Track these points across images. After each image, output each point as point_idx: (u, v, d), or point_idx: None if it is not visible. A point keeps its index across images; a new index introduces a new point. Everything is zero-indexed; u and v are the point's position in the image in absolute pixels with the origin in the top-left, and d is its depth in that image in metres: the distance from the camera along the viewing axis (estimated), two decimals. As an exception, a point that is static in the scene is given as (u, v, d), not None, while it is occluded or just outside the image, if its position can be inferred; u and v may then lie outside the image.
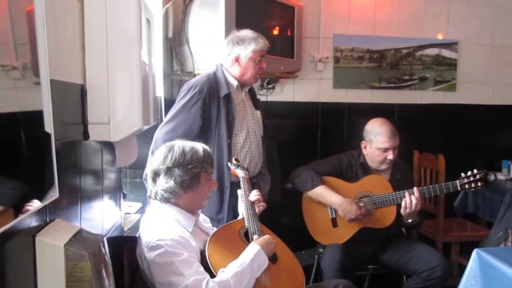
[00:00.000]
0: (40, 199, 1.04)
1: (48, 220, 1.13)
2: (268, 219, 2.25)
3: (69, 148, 1.32)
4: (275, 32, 3.32)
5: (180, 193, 1.76)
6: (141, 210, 2.28)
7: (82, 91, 1.40)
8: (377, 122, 2.78)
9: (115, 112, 1.43)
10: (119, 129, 1.44)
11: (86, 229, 1.24)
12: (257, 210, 2.09)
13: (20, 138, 1.03)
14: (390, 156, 2.71)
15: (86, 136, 1.42)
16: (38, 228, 1.07)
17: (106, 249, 1.20)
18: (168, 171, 1.74)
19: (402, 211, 2.61)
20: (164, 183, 1.74)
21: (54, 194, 1.09)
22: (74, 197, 1.35)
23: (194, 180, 1.77)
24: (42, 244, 1.04)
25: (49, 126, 1.09)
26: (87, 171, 1.49)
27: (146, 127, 1.62)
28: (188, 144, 1.81)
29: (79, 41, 1.39)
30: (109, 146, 1.64)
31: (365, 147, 2.81)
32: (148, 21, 1.59)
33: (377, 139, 2.72)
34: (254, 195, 2.11)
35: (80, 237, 1.12)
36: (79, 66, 1.40)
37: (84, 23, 1.40)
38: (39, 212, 1.07)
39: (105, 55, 1.41)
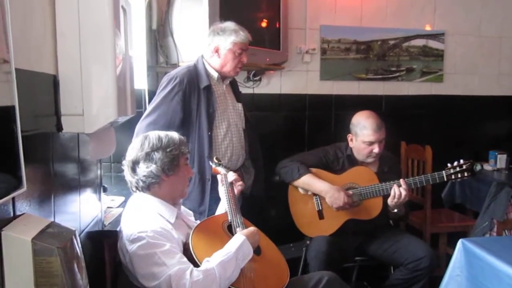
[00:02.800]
0: (6, 192, 1.00)
1: (16, 213, 1.09)
2: (256, 212, 2.24)
3: (40, 140, 1.28)
4: (260, 23, 3.28)
5: (162, 177, 1.76)
6: (124, 204, 2.25)
7: (55, 82, 1.37)
8: (363, 115, 2.76)
9: (89, 103, 1.40)
10: (94, 120, 1.41)
11: (60, 223, 1.21)
12: (236, 190, 2.11)
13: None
14: (376, 149, 2.69)
15: (59, 127, 1.39)
16: (5, 222, 1.04)
17: (78, 244, 1.16)
18: (147, 156, 1.74)
19: (389, 201, 2.60)
20: (145, 168, 1.74)
21: (20, 187, 1.05)
22: (46, 190, 1.31)
23: (174, 163, 1.77)
24: (9, 238, 1.01)
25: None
26: (62, 163, 1.46)
27: (123, 119, 1.59)
28: (162, 132, 1.82)
29: (51, 30, 1.35)
30: (86, 138, 1.60)
31: (351, 140, 2.79)
32: (124, 9, 1.55)
33: (362, 132, 2.69)
34: (232, 175, 2.13)
35: (49, 231, 1.09)
36: (51, 56, 1.36)
37: (56, 12, 1.36)
38: (6, 205, 1.04)
39: (78, 45, 1.37)
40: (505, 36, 3.94)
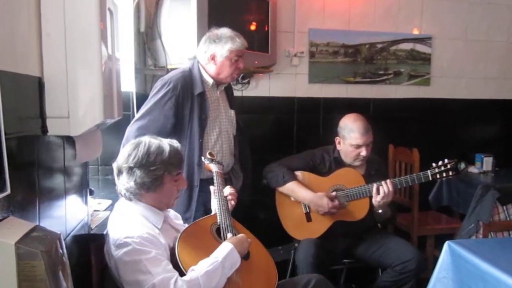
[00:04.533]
0: (-11, 195, 0.99)
1: (-1, 217, 1.08)
2: (245, 215, 2.22)
3: (25, 142, 1.26)
4: (249, 26, 3.28)
5: (141, 193, 1.73)
6: (111, 208, 2.23)
7: (40, 84, 1.35)
8: (350, 118, 2.77)
9: (75, 106, 1.38)
10: (80, 123, 1.39)
11: (46, 227, 1.19)
12: (230, 206, 2.06)
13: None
14: (363, 152, 2.71)
15: (44, 130, 1.37)
16: (-12, 226, 1.02)
17: (63, 247, 1.15)
18: (130, 170, 1.70)
19: (373, 200, 2.61)
20: (126, 182, 1.71)
21: (4, 190, 1.04)
22: (31, 193, 1.29)
23: (156, 182, 1.72)
24: (-9, 242, 0.99)
25: (-1, 119, 1.04)
26: (47, 166, 1.44)
27: (109, 121, 1.58)
28: (155, 143, 1.74)
29: (36, 32, 1.34)
30: (72, 140, 1.59)
31: (339, 143, 2.80)
32: (110, 12, 1.54)
33: (350, 135, 2.71)
34: (228, 191, 2.08)
35: (34, 235, 1.07)
36: (36, 58, 1.34)
37: (41, 14, 1.35)
38: (-12, 209, 1.02)
39: (64, 47, 1.36)
40: (492, 40, 3.99)
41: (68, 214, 1.64)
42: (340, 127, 2.79)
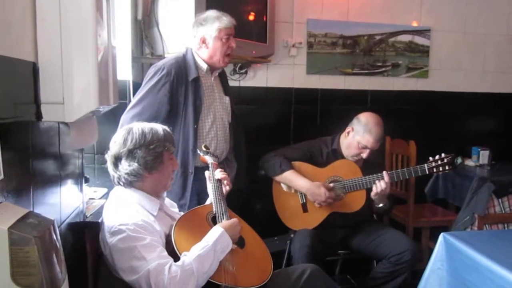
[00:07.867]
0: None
1: (-8, 202, 1.07)
2: (241, 205, 2.23)
3: (19, 128, 1.25)
4: (248, 16, 3.27)
5: (144, 174, 1.73)
6: (106, 196, 2.22)
7: (34, 69, 1.34)
8: (374, 120, 2.73)
9: (70, 92, 1.36)
10: (75, 109, 1.38)
11: (40, 213, 1.18)
12: (224, 190, 2.07)
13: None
14: (364, 154, 2.71)
15: (39, 116, 1.36)
16: (-19, 211, 1.01)
17: (57, 233, 1.14)
18: (130, 153, 1.70)
19: (372, 195, 2.61)
20: (127, 166, 1.71)
21: (-3, 175, 1.03)
22: (25, 179, 1.28)
23: (158, 160, 1.74)
24: (-16, 227, 0.98)
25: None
26: (41, 152, 1.43)
27: (105, 108, 1.56)
28: (147, 125, 1.78)
29: (30, 17, 1.32)
30: (67, 127, 1.57)
31: (348, 132, 2.77)
32: (106, -3, 1.52)
33: (365, 135, 2.69)
34: (220, 174, 2.08)
35: (27, 220, 1.06)
36: (31, 43, 1.32)
37: (35, -2, 1.33)
38: (-19, 194, 1.01)
39: (59, 32, 1.34)
40: (490, 34, 3.99)
41: (63, 201, 1.63)
42: (359, 121, 2.74)
